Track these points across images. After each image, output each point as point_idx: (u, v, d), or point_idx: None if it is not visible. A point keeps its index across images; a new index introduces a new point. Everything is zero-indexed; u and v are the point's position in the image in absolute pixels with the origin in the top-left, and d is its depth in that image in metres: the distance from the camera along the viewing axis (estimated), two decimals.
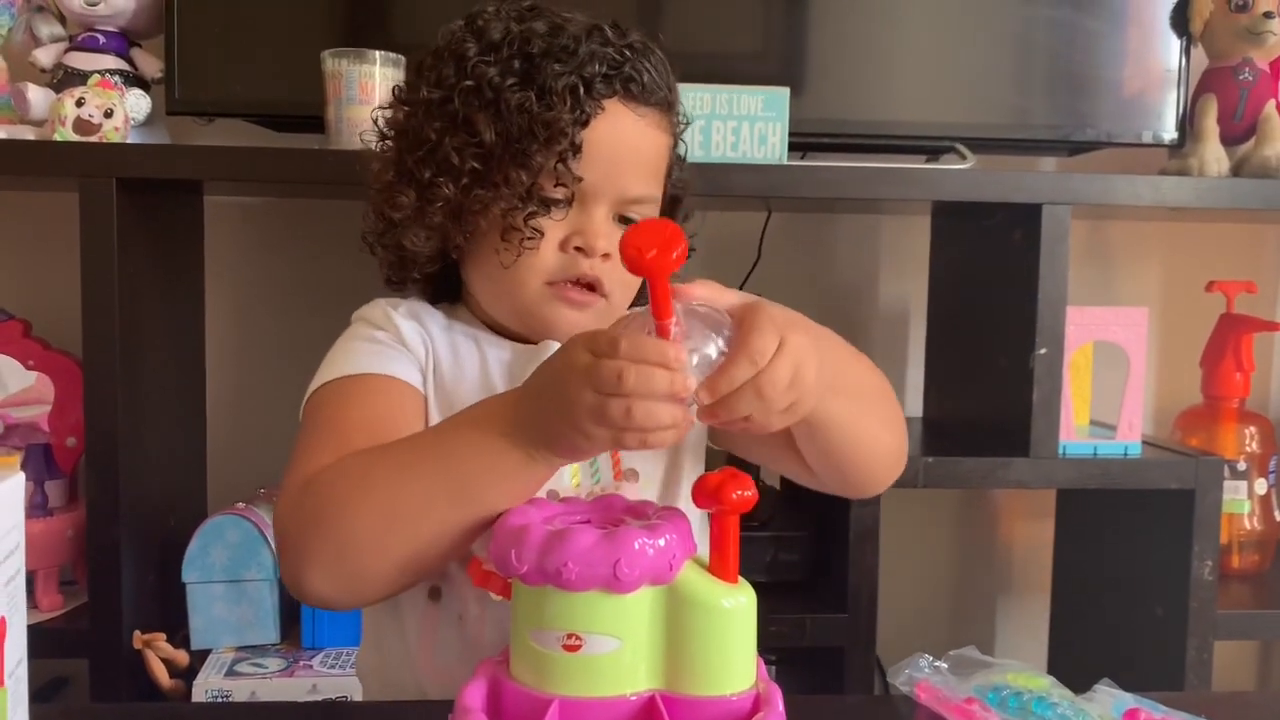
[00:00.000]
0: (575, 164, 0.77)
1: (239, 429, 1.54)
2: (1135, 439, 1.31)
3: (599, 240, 0.78)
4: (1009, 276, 1.33)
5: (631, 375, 0.60)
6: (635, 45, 0.81)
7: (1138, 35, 1.42)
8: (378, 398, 0.78)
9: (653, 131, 0.82)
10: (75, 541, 1.28)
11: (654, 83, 0.81)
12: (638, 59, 0.80)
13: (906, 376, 1.67)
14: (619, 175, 0.79)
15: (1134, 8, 1.42)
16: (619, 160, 0.79)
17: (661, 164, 0.84)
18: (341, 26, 1.36)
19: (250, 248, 1.57)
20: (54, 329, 1.34)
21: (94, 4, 1.31)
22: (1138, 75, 1.42)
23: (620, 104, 0.79)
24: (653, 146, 0.82)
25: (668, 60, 0.84)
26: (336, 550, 0.68)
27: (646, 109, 0.81)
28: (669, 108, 0.83)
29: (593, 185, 0.79)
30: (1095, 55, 1.41)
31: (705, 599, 0.62)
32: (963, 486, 1.48)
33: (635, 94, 0.79)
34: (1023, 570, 1.73)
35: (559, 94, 0.76)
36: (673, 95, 0.84)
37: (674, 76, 0.85)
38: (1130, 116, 1.42)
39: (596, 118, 0.77)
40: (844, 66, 1.40)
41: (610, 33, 0.80)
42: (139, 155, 1.19)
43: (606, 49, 0.78)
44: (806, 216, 1.63)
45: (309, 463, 0.72)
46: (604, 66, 0.78)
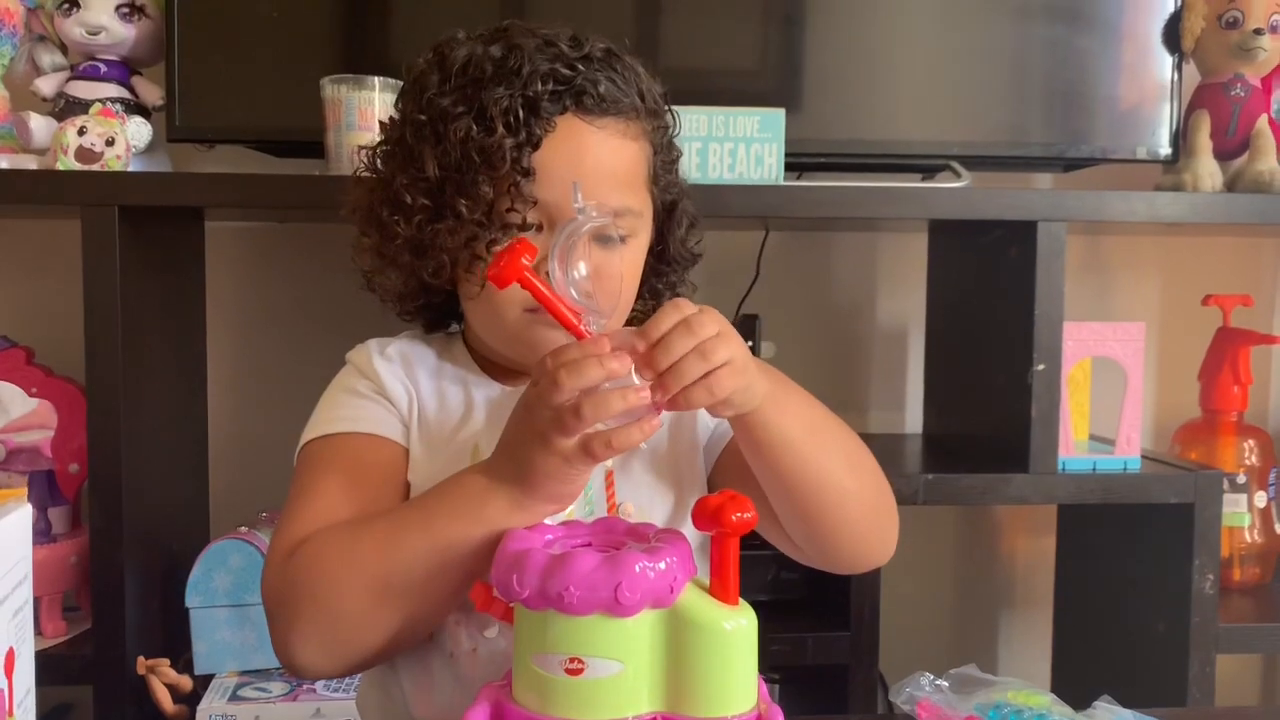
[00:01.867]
0: (531, 186, 0.75)
1: (241, 454, 1.55)
2: (1134, 454, 1.31)
3: None
4: (1006, 293, 1.33)
5: (564, 375, 0.64)
6: (593, 55, 0.78)
7: (1131, 52, 1.43)
8: (356, 460, 0.79)
9: (616, 141, 0.79)
10: (79, 568, 1.29)
11: (614, 91, 0.78)
12: (593, 70, 0.77)
13: (906, 393, 1.68)
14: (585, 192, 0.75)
15: (1127, 25, 1.43)
16: (580, 175, 0.75)
17: (636, 174, 0.81)
18: (340, 53, 1.37)
19: (251, 273, 1.58)
20: (56, 356, 1.34)
21: (95, 33, 1.32)
22: (1131, 92, 1.43)
23: (575, 118, 0.77)
24: (619, 157, 0.79)
25: (639, 66, 0.82)
26: (327, 626, 0.70)
27: (607, 119, 0.78)
28: (638, 114, 0.80)
29: (557, 203, 0.76)
30: (1089, 72, 1.42)
31: (706, 621, 0.62)
32: (963, 503, 1.48)
33: (589, 106, 0.77)
34: (1025, 586, 1.73)
35: (498, 117, 0.75)
36: (645, 101, 0.81)
37: (650, 81, 0.82)
38: (1124, 133, 1.43)
39: (549, 135, 0.75)
40: (839, 86, 1.41)
41: (565, 46, 0.78)
42: (140, 183, 1.20)
43: (555, 65, 0.76)
44: (804, 235, 1.64)
45: (292, 529, 0.74)
46: (551, 84, 0.76)
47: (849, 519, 0.76)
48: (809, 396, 0.77)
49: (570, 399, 0.64)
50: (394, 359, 0.84)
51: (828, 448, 0.75)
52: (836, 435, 0.77)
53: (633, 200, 0.81)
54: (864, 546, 0.79)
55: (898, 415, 1.69)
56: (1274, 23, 1.38)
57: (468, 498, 0.69)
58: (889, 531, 0.80)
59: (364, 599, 0.69)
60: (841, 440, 0.78)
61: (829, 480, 0.74)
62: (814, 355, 1.65)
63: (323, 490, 0.77)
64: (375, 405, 0.81)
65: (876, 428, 1.68)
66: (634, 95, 0.80)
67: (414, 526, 0.70)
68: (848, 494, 0.76)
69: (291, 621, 0.70)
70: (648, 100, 0.82)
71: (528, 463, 0.67)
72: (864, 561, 0.80)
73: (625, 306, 0.84)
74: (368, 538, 0.71)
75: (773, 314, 1.52)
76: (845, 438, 0.78)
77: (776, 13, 1.40)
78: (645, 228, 0.83)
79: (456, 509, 0.69)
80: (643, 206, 0.82)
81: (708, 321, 0.67)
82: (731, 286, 1.56)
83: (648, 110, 0.82)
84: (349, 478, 0.78)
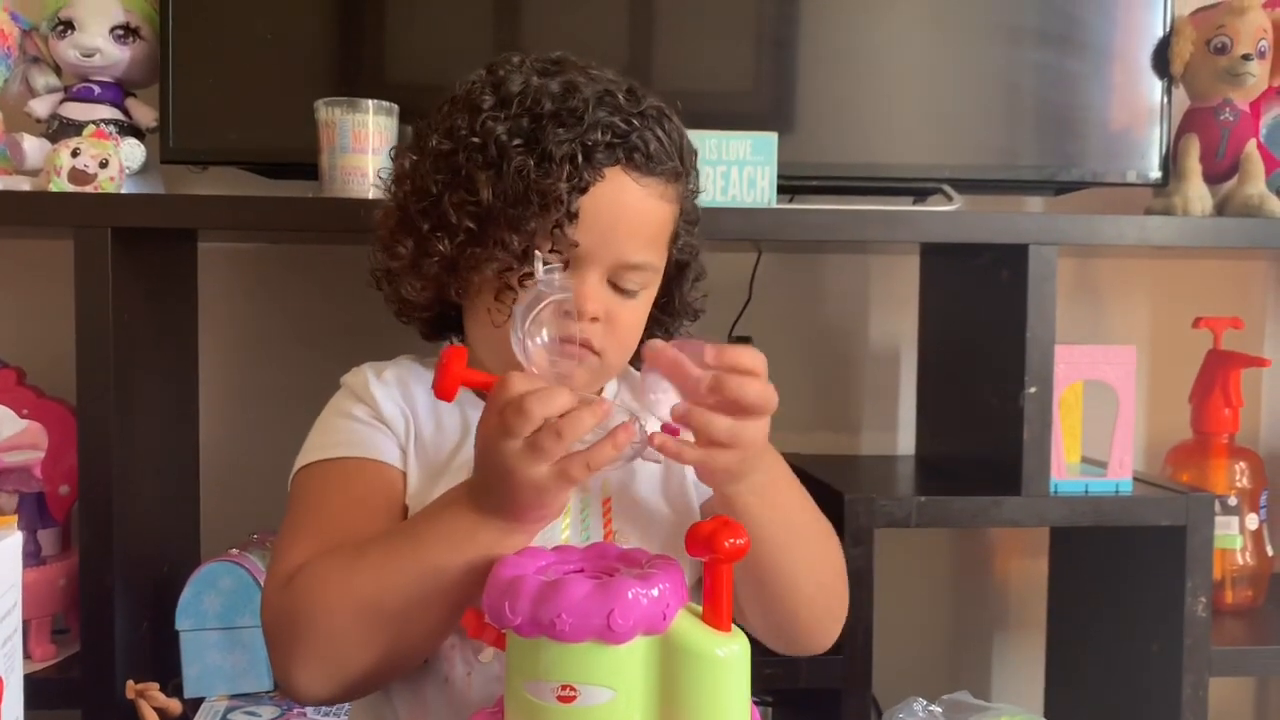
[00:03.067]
0: (571, 230, 0.77)
1: (232, 476, 1.55)
2: (1126, 476, 1.31)
3: (588, 304, 0.78)
4: (997, 316, 1.34)
5: (533, 401, 0.65)
6: (648, 113, 0.80)
7: (1121, 77, 1.44)
8: (354, 484, 0.80)
9: (654, 201, 0.80)
10: (68, 590, 1.28)
11: (661, 152, 0.80)
12: (646, 128, 0.79)
13: (898, 415, 1.68)
14: (615, 242, 0.79)
15: (1117, 50, 1.44)
16: (616, 227, 0.78)
17: (663, 233, 0.83)
18: (335, 76, 1.38)
19: (244, 294, 1.58)
20: (48, 377, 1.34)
21: (89, 55, 1.32)
22: (1121, 116, 1.44)
23: (623, 172, 0.78)
24: (653, 216, 0.81)
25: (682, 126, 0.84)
26: (325, 655, 0.70)
27: (650, 179, 0.80)
28: (676, 177, 0.82)
29: (587, 250, 0.78)
30: (1079, 97, 1.43)
31: (699, 648, 0.62)
32: (955, 526, 1.48)
33: (639, 164, 0.79)
34: (1018, 608, 1.73)
35: (558, 161, 0.76)
36: (684, 165, 0.83)
37: (690, 143, 0.85)
38: (1114, 156, 1.44)
39: (596, 184, 0.77)
40: (831, 110, 1.41)
41: (623, 98, 0.79)
42: (133, 205, 1.20)
43: (614, 117, 0.78)
44: (797, 257, 1.65)
45: (289, 555, 0.75)
46: (609, 135, 0.77)
47: (800, 617, 0.80)
48: (800, 494, 0.80)
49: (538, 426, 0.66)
50: (390, 383, 0.84)
51: (798, 551, 0.78)
52: (811, 542, 0.80)
53: (653, 257, 0.83)
54: (804, 640, 0.82)
55: (889, 437, 1.69)
56: (1262, 48, 1.39)
57: (456, 526, 0.70)
58: (833, 630, 0.84)
59: (359, 625, 0.70)
60: (815, 547, 0.81)
61: (789, 580, 0.78)
62: (806, 377, 1.65)
63: (319, 516, 0.78)
64: (371, 430, 0.81)
65: (868, 449, 1.68)
66: (676, 158, 0.82)
67: (406, 554, 0.70)
68: (804, 598, 0.79)
69: (291, 648, 0.71)
70: (686, 163, 0.84)
71: (505, 495, 0.68)
72: (799, 650, 0.83)
73: (629, 351, 0.85)
74: (362, 564, 0.71)
75: (765, 336, 1.53)
76: (820, 545, 0.81)
77: (769, 36, 1.41)
78: (656, 281, 0.85)
79: (446, 537, 0.70)
80: (660, 263, 0.84)
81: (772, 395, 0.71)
82: (724, 309, 1.57)
83: (683, 174, 0.84)
84: (345, 503, 0.79)
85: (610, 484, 0.81)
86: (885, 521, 1.25)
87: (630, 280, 0.81)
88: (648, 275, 0.82)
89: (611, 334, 0.80)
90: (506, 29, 1.39)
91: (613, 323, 0.80)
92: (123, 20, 1.33)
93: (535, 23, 1.39)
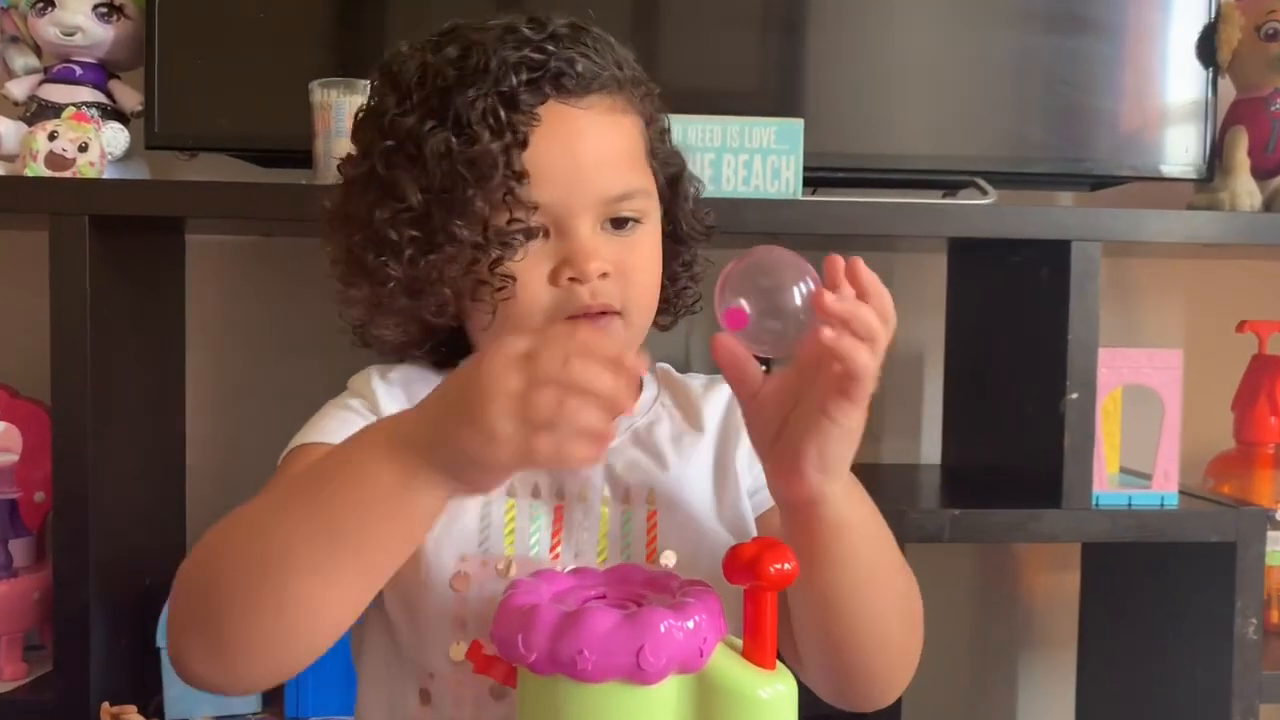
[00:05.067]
0: (527, 190, 0.68)
1: (221, 480, 1.46)
2: (1172, 489, 1.23)
3: (590, 262, 0.69)
4: (1035, 317, 1.26)
5: (576, 365, 0.53)
6: (559, 33, 0.71)
7: (1162, 66, 1.36)
8: None
9: (607, 118, 0.72)
10: (42, 604, 1.20)
11: (591, 67, 0.71)
12: (564, 49, 0.70)
13: (922, 421, 1.60)
14: (586, 181, 0.70)
15: (1158, 37, 1.36)
16: (578, 164, 0.70)
17: (634, 149, 0.75)
18: (331, 56, 1.29)
19: (234, 288, 1.49)
20: (23, 376, 1.26)
21: (70, 34, 1.24)
22: (1162, 107, 1.36)
23: (559, 104, 0.70)
24: (613, 135, 0.73)
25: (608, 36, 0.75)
26: (203, 614, 0.59)
27: (592, 97, 0.71)
28: (620, 86, 0.74)
29: (562, 203, 0.70)
30: (1118, 86, 1.35)
31: (740, 688, 0.54)
32: (991, 540, 1.40)
33: (571, 88, 0.70)
34: (1046, 625, 1.65)
35: (475, 122, 0.67)
36: (623, 70, 0.74)
37: (622, 49, 0.76)
38: (1155, 150, 1.36)
39: (534, 131, 0.68)
40: (855, 97, 1.33)
41: (527, 29, 0.71)
42: (112, 191, 1.12)
43: (523, 51, 0.69)
44: (817, 254, 1.56)
45: None
46: (524, 72, 0.69)
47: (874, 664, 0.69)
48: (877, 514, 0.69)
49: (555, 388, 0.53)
50: (395, 383, 0.76)
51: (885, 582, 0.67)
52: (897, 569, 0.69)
53: (638, 179, 0.74)
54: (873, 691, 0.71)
55: (912, 445, 1.61)
56: None
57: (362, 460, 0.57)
58: (904, 681, 0.72)
59: (236, 575, 0.58)
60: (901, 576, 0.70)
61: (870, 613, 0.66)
62: None
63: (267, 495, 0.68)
64: (363, 421, 0.73)
65: (890, 458, 1.60)
66: (612, 66, 0.73)
67: (300, 490, 0.60)
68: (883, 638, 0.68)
69: (176, 620, 0.61)
70: (626, 69, 0.75)
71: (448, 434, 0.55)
72: (859, 703, 0.72)
73: (653, 299, 0.76)
74: (251, 508, 0.61)
75: None
76: (906, 575, 0.70)
77: (790, 21, 1.34)
78: (654, 208, 0.76)
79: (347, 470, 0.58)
80: (648, 184, 0.75)
81: None
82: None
83: (630, 79, 0.75)
84: None
85: (657, 495, 0.72)
86: (917, 536, 1.17)
87: (623, 210, 0.72)
88: (641, 200, 0.74)
89: (628, 285, 0.72)
90: (510, 6, 1.31)
91: (625, 272, 0.72)
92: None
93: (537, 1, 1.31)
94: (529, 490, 0.72)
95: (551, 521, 0.71)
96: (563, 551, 0.70)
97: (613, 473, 0.73)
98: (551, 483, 0.72)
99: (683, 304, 0.84)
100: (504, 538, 0.70)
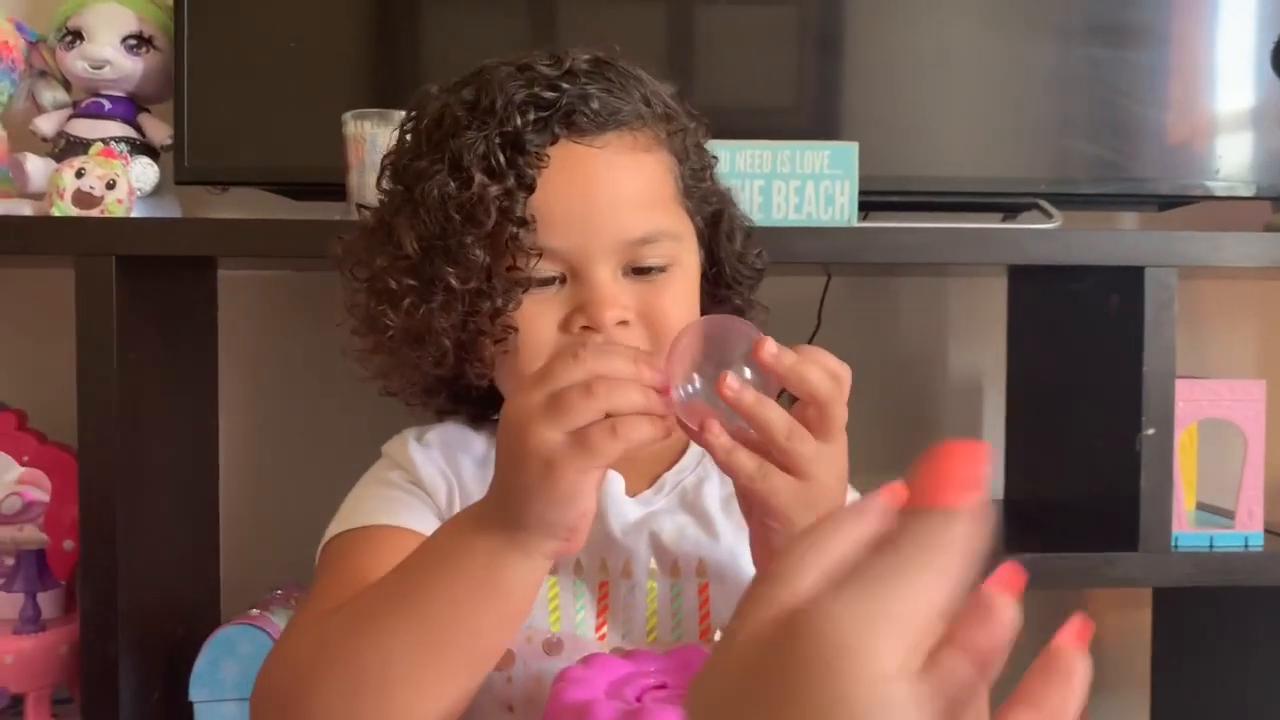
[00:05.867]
0: (535, 236, 0.64)
1: (256, 526, 1.42)
2: (1258, 529, 1.16)
3: (607, 310, 0.65)
4: (1104, 346, 1.19)
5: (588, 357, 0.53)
6: (578, 69, 0.67)
7: (1235, 79, 1.29)
8: (376, 553, 0.65)
9: (626, 157, 0.68)
10: (71, 657, 1.15)
11: (609, 103, 0.67)
12: (580, 85, 0.66)
13: None
14: (602, 224, 0.66)
15: (1231, 48, 1.29)
16: (592, 206, 0.66)
17: (659, 190, 0.70)
18: (364, 87, 1.26)
19: (268, 326, 1.45)
20: (52, 420, 1.22)
21: (99, 67, 1.22)
22: (1236, 122, 1.29)
23: (571, 144, 0.66)
24: (633, 175, 0.68)
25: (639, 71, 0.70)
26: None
27: (608, 135, 0.67)
28: (645, 122, 0.69)
29: (575, 249, 0.65)
30: (1187, 101, 1.29)
31: None
32: (1061, 587, 1.32)
33: (584, 126, 0.66)
34: (1116, 667, 1.56)
35: (475, 165, 0.63)
36: (651, 106, 0.70)
37: (655, 83, 0.71)
38: (1229, 167, 1.28)
39: (544, 173, 0.64)
40: (906, 117, 1.28)
41: (543, 66, 0.67)
42: (139, 230, 1.08)
43: (534, 89, 0.65)
44: (869, 281, 1.51)
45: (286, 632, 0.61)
46: (533, 111, 0.65)
47: None
48: None
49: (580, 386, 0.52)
50: (432, 445, 0.72)
51: None
52: None
53: (664, 221, 0.69)
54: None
55: None
56: None
57: (448, 545, 0.55)
58: None
59: (337, 698, 0.55)
60: None
61: None
62: (879, 412, 1.50)
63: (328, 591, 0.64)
64: (406, 495, 0.69)
65: None
66: (636, 101, 0.69)
67: (388, 596, 0.56)
68: None
69: None
70: (654, 104, 0.70)
71: (510, 484, 0.53)
72: None
73: None
74: (336, 621, 0.57)
75: None
76: None
77: (833, 38, 1.28)
78: (688, 251, 0.71)
79: (435, 560, 0.55)
80: (678, 227, 0.70)
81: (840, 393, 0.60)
82: (789, 336, 1.40)
83: (657, 115, 0.70)
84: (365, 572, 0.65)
85: (708, 567, 0.67)
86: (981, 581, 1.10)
87: (649, 257, 0.67)
88: (667, 245, 0.69)
89: (655, 330, 0.67)
90: (543, 37, 1.26)
91: (651, 317, 0.67)
92: (135, 29, 1.23)
93: (572, 28, 1.26)
94: (571, 567, 0.66)
95: (596, 600, 0.66)
96: (609, 631, 0.65)
97: (658, 542, 0.68)
98: (592, 559, 0.67)
99: None
100: (548, 614, 0.65)
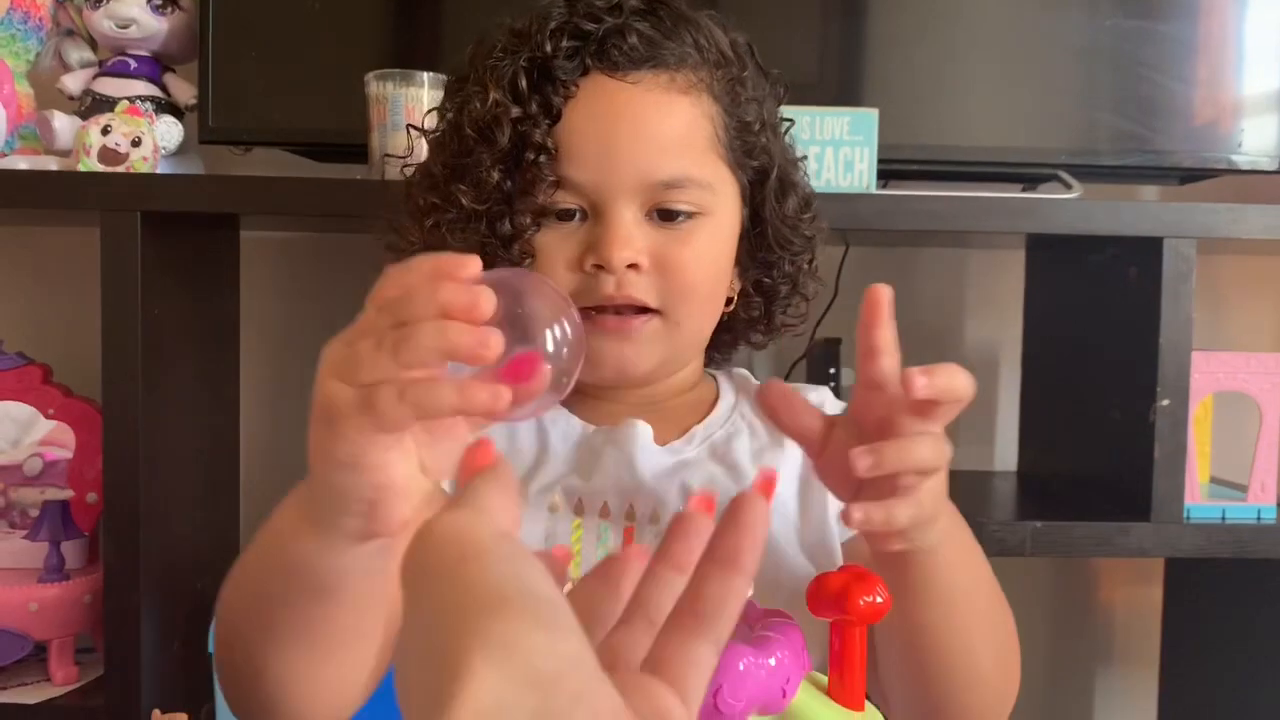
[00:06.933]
0: (556, 165, 0.63)
1: (276, 482, 1.41)
2: (1270, 501, 1.16)
3: (615, 250, 0.64)
4: (1122, 318, 1.19)
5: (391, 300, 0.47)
6: (626, 5, 0.66)
7: (1261, 51, 1.28)
8: None
9: (659, 96, 0.66)
10: (94, 607, 1.17)
11: (647, 41, 0.65)
12: (624, 19, 0.65)
13: (996, 426, 1.53)
14: (623, 161, 0.64)
15: (1254, 19, 1.28)
16: (615, 141, 0.64)
17: (694, 135, 0.67)
18: (387, 48, 1.27)
19: (289, 286, 1.47)
20: (76, 374, 1.24)
21: (125, 27, 1.22)
22: (1260, 95, 1.28)
23: (604, 77, 0.65)
24: (664, 115, 0.66)
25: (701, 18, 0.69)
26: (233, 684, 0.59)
27: (643, 72, 0.65)
28: (687, 64, 0.67)
29: (595, 183, 0.64)
30: (1210, 71, 1.28)
31: None
32: (1075, 555, 1.33)
33: (618, 61, 0.65)
34: (1126, 641, 1.57)
35: (498, 87, 0.63)
36: (700, 50, 0.68)
37: (718, 31, 0.69)
38: (1253, 139, 1.28)
39: (571, 104, 0.63)
40: (927, 85, 1.27)
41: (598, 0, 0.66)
42: (164, 186, 1.09)
43: (574, 20, 0.64)
44: (887, 250, 1.51)
45: None
46: (566, 39, 0.64)
47: (968, 704, 0.63)
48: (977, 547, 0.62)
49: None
50: None
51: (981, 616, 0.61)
52: (993, 608, 0.63)
53: (694, 168, 0.67)
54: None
55: (986, 450, 1.54)
56: None
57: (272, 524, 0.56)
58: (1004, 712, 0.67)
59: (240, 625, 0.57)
60: (997, 614, 0.64)
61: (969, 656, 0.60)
62: None
63: None
64: None
65: (962, 463, 1.53)
66: (684, 44, 0.67)
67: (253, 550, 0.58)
68: (978, 679, 0.62)
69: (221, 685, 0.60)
70: (706, 50, 0.68)
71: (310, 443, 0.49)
72: None
73: (704, 301, 0.70)
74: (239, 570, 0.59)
75: (851, 337, 1.39)
76: (1002, 612, 0.64)
77: (859, 4, 1.28)
78: (722, 204, 0.69)
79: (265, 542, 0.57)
80: (711, 176, 0.68)
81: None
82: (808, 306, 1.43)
83: (708, 60, 0.68)
84: None
85: None
86: (996, 549, 1.11)
87: (676, 202, 0.66)
88: (695, 193, 0.67)
89: (670, 281, 0.66)
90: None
91: (667, 267, 0.66)
92: None
93: None
94: (597, 509, 0.67)
95: (621, 545, 0.67)
96: None
97: (688, 492, 0.68)
98: (619, 504, 0.67)
99: (782, 321, 0.78)
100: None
